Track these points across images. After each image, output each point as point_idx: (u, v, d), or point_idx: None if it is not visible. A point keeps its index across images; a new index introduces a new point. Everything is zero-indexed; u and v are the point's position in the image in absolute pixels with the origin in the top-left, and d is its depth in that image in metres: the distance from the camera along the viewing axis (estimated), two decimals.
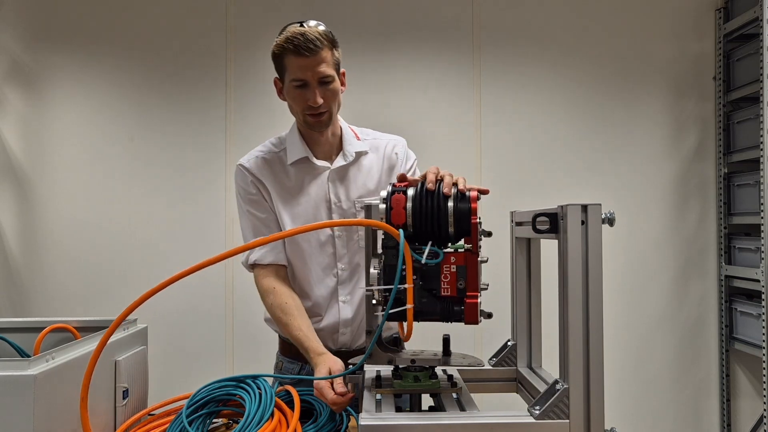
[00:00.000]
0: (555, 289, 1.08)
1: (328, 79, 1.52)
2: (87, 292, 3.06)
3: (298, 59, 1.49)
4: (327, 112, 1.55)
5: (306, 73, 1.50)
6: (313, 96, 1.52)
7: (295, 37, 1.48)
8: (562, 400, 1.02)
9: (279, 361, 1.72)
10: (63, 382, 1.02)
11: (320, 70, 1.50)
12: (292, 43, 1.48)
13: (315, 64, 1.50)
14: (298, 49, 1.48)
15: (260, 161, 1.64)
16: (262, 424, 1.06)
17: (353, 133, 1.69)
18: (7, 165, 3.10)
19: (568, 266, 1.03)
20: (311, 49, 1.48)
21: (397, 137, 1.74)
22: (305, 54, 1.48)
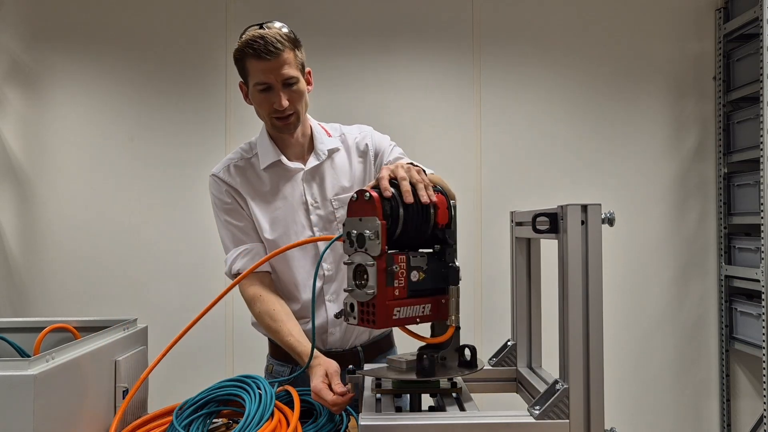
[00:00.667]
0: (555, 289, 1.08)
1: (292, 81, 1.50)
2: (87, 292, 3.06)
3: (259, 63, 1.47)
4: (294, 113, 1.53)
5: (269, 77, 1.48)
6: (278, 99, 1.50)
7: (254, 41, 1.45)
8: (562, 400, 1.02)
9: (270, 364, 1.71)
10: (63, 382, 1.02)
11: (283, 72, 1.48)
12: (252, 47, 1.46)
13: (277, 67, 1.47)
14: (258, 53, 1.46)
15: (233, 169, 1.62)
16: (262, 424, 1.06)
17: (323, 130, 1.67)
18: (7, 165, 3.10)
19: (568, 266, 1.03)
20: (272, 51, 1.45)
21: (362, 126, 1.71)
22: (266, 57, 1.46)
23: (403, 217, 1.11)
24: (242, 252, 1.59)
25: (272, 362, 1.70)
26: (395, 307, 1.09)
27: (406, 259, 1.10)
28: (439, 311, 1.13)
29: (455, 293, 1.12)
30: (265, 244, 1.61)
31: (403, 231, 1.12)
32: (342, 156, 1.65)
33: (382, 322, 1.09)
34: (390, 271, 1.09)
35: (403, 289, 1.10)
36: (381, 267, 1.07)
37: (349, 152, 1.66)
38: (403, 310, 1.10)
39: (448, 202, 1.14)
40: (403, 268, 1.10)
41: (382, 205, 1.10)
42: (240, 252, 1.59)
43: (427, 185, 1.15)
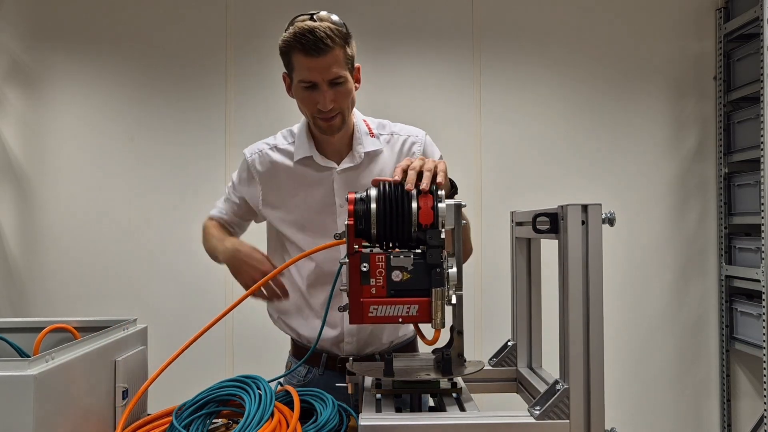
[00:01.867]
0: (555, 289, 1.08)
1: (340, 80, 1.41)
2: (87, 292, 3.06)
3: (306, 59, 1.37)
4: (339, 114, 1.45)
5: (315, 75, 1.39)
6: (323, 99, 1.41)
7: (303, 35, 1.35)
8: (562, 400, 1.02)
9: (289, 362, 1.69)
10: (63, 382, 1.02)
11: (331, 71, 1.39)
12: (300, 41, 1.36)
13: (325, 65, 1.38)
14: (306, 49, 1.36)
15: (265, 156, 1.58)
16: (261, 424, 1.05)
17: (367, 129, 1.57)
18: (7, 165, 3.10)
19: (568, 266, 1.03)
20: (321, 48, 1.36)
21: (418, 131, 1.61)
22: (314, 54, 1.36)
23: (375, 216, 1.12)
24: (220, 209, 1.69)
25: (292, 361, 1.67)
26: (371, 305, 1.11)
27: (385, 258, 1.11)
28: (427, 312, 1.13)
29: (439, 295, 1.11)
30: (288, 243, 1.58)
31: (380, 230, 1.12)
32: (385, 158, 1.56)
33: (356, 318, 1.11)
34: (363, 270, 1.10)
35: (382, 288, 1.11)
36: (353, 265, 1.10)
37: (393, 154, 1.56)
38: (381, 308, 1.11)
39: (434, 203, 1.13)
40: (382, 268, 1.11)
41: (354, 205, 1.12)
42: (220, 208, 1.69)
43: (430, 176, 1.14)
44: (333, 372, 1.57)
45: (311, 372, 1.60)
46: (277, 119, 3.07)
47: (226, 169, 3.06)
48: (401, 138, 1.58)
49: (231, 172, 1.77)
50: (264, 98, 3.08)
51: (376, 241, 1.13)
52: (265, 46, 3.10)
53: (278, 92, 3.07)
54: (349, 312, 1.13)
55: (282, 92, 1.55)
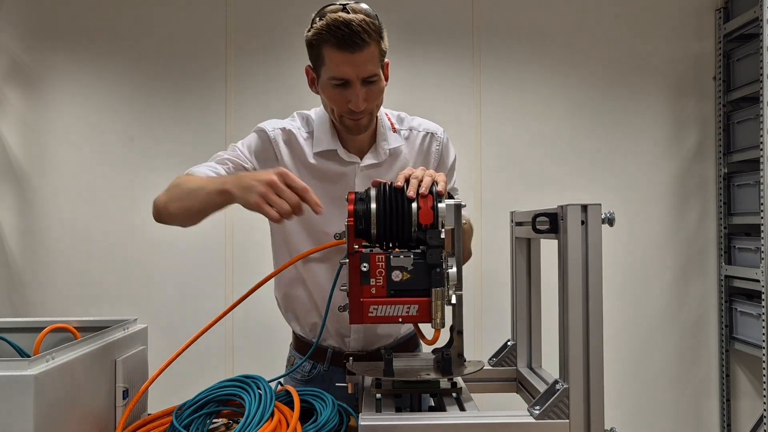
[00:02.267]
0: (555, 289, 1.08)
1: (374, 79, 1.32)
2: (87, 292, 3.06)
3: (341, 54, 1.27)
4: (368, 114, 1.38)
5: (349, 72, 1.29)
6: (356, 98, 1.32)
7: (338, 28, 1.25)
8: (562, 400, 1.02)
9: (291, 356, 1.63)
10: (63, 382, 1.02)
11: (366, 69, 1.30)
12: (335, 34, 1.25)
13: (360, 62, 1.28)
14: (341, 43, 1.26)
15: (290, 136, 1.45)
16: (262, 424, 1.05)
17: (390, 124, 1.50)
18: (7, 165, 3.09)
19: (568, 266, 1.03)
20: (357, 43, 1.26)
21: (437, 128, 1.56)
22: (349, 50, 1.26)
23: (375, 216, 1.12)
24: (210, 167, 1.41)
25: (293, 354, 1.62)
26: (371, 305, 1.11)
27: (385, 258, 1.11)
28: (427, 312, 1.13)
29: (439, 295, 1.11)
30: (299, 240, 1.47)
31: (380, 230, 1.12)
32: (405, 155, 1.50)
33: (356, 317, 1.12)
34: (363, 270, 1.10)
35: (382, 288, 1.11)
36: (353, 265, 1.11)
37: (413, 151, 1.51)
38: (381, 308, 1.11)
39: (434, 203, 1.13)
40: (382, 268, 1.11)
41: (354, 204, 1.12)
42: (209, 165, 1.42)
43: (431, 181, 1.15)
44: (338, 367, 1.53)
45: (316, 368, 1.57)
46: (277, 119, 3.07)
47: None
48: (420, 134, 1.53)
49: None
50: (264, 98, 3.08)
51: (376, 241, 1.14)
52: (266, 46, 3.10)
53: (278, 92, 3.09)
54: (349, 312, 1.13)
55: (282, 92, 1.55)
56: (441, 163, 1.56)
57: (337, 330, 1.54)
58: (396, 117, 1.54)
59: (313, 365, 1.57)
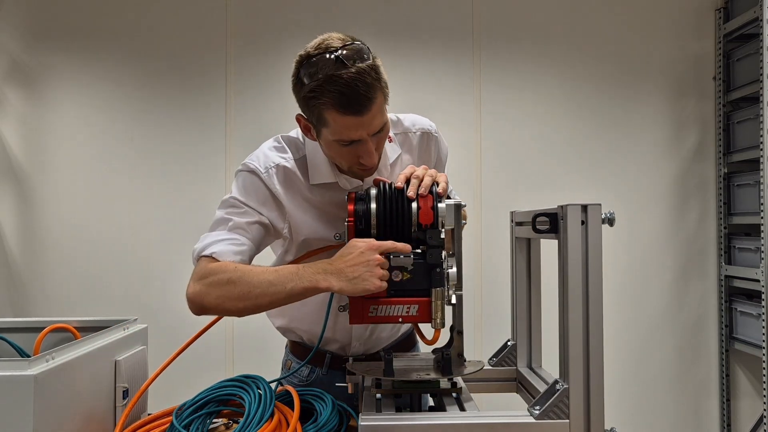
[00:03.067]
0: (555, 289, 1.08)
1: (382, 129, 1.22)
2: (87, 292, 3.06)
3: (346, 119, 1.15)
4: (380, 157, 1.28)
5: (360, 133, 1.18)
6: (368, 155, 1.21)
7: (342, 92, 1.12)
8: (562, 400, 1.02)
9: (288, 359, 1.59)
10: (63, 382, 1.02)
11: (374, 124, 1.18)
12: (339, 100, 1.12)
13: (369, 120, 1.16)
14: (346, 108, 1.13)
15: (282, 171, 1.31)
16: (262, 424, 1.06)
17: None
18: (7, 165, 3.09)
19: (568, 266, 1.03)
20: (364, 105, 1.14)
21: (429, 124, 1.48)
22: (357, 114, 1.14)
23: (375, 216, 1.12)
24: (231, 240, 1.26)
25: (291, 358, 1.58)
26: (371, 305, 1.11)
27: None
28: (427, 312, 1.13)
29: (439, 295, 1.11)
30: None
31: (380, 230, 1.12)
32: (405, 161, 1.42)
33: (355, 317, 1.12)
34: None
35: None
36: None
37: (412, 153, 1.44)
38: (381, 308, 1.12)
39: (434, 203, 1.13)
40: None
41: (354, 204, 1.12)
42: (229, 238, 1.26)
43: (431, 181, 1.15)
44: (337, 372, 1.51)
45: (314, 372, 1.56)
46: (277, 119, 3.07)
47: (226, 169, 3.06)
48: (416, 135, 1.45)
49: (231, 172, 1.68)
50: (264, 98, 3.08)
51: (380, 240, 1.13)
52: (266, 46, 3.10)
53: (278, 92, 3.09)
54: (349, 312, 1.13)
55: (282, 92, 1.53)
56: (438, 158, 1.51)
57: (338, 338, 1.51)
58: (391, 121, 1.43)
59: (311, 369, 1.55)
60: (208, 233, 1.29)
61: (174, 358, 1.24)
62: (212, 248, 1.24)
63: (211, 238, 1.26)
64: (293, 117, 1.39)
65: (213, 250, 1.23)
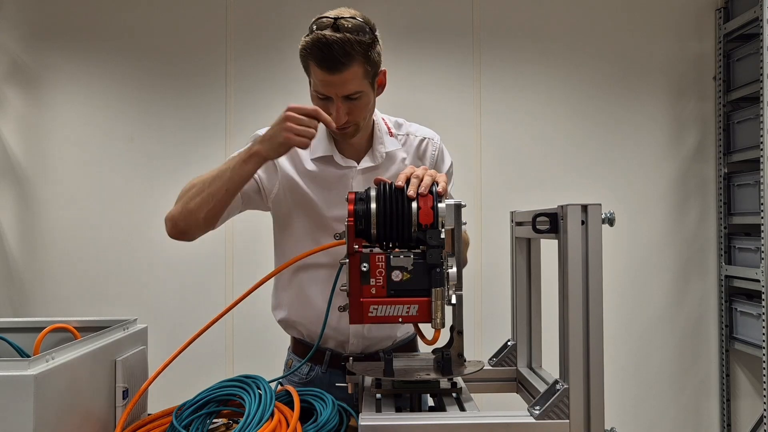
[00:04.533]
0: (555, 289, 1.08)
1: (356, 95, 1.34)
2: (87, 291, 3.06)
3: (321, 73, 1.30)
4: (353, 125, 1.40)
5: (329, 90, 1.33)
6: (336, 114, 1.34)
7: (320, 48, 1.27)
8: (562, 400, 1.02)
9: (289, 359, 1.64)
10: (63, 382, 1.02)
11: (346, 88, 1.32)
12: (316, 55, 1.28)
13: (340, 82, 1.30)
14: (321, 63, 1.28)
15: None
16: (262, 424, 1.05)
17: (387, 128, 1.53)
18: (7, 165, 3.10)
19: (568, 266, 1.03)
20: (336, 66, 1.28)
21: (433, 134, 1.59)
22: (329, 70, 1.29)
23: (375, 216, 1.12)
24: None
25: (292, 357, 1.62)
26: (371, 305, 1.11)
27: (385, 258, 1.11)
28: (427, 312, 1.13)
29: (439, 295, 1.11)
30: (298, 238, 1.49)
31: (380, 230, 1.12)
32: (401, 158, 1.52)
33: (356, 318, 1.12)
34: (363, 270, 1.10)
35: (382, 288, 1.11)
36: (353, 265, 1.11)
37: (409, 154, 1.54)
38: (381, 308, 1.12)
39: (434, 203, 1.13)
40: (382, 268, 1.11)
41: (354, 205, 1.12)
42: None
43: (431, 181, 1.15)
44: (337, 370, 1.54)
45: (314, 370, 1.57)
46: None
47: None
48: (417, 138, 1.56)
49: None
50: (264, 98, 3.08)
51: (376, 241, 1.14)
52: (266, 46, 3.10)
53: (278, 92, 3.09)
54: (349, 312, 1.13)
55: (282, 92, 1.56)
56: (437, 169, 1.57)
57: (336, 334, 1.53)
58: (393, 122, 1.57)
59: (311, 368, 1.58)
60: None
61: (174, 357, 1.24)
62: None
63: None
64: None
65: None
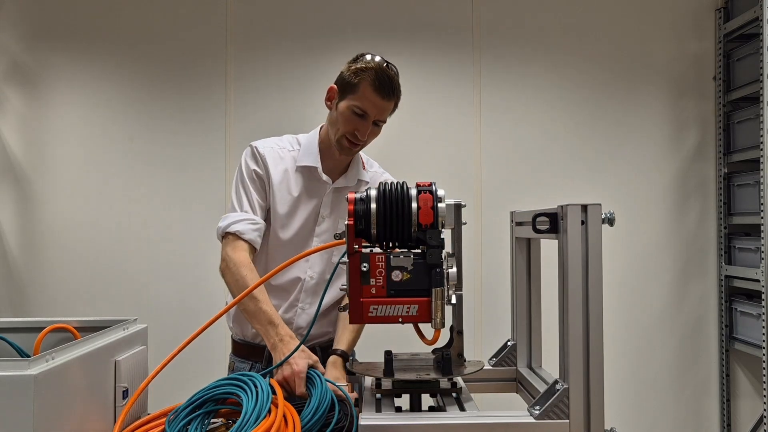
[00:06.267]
0: (555, 289, 1.08)
1: (381, 123, 1.61)
2: (87, 291, 3.06)
3: (374, 94, 1.55)
4: (363, 144, 1.63)
5: (372, 110, 1.56)
6: (364, 130, 1.58)
7: (383, 76, 1.54)
8: (562, 400, 1.02)
9: (232, 362, 1.77)
10: (63, 382, 1.02)
11: (383, 114, 1.59)
12: (378, 80, 1.54)
13: (383, 109, 1.57)
14: (380, 88, 1.54)
15: (275, 153, 1.67)
16: (259, 421, 1.05)
17: (362, 162, 1.76)
18: (7, 165, 3.10)
19: (568, 266, 1.03)
20: (389, 96, 1.56)
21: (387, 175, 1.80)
22: (382, 96, 1.55)
23: (375, 216, 1.12)
24: (249, 220, 1.61)
25: (234, 359, 1.76)
26: (371, 305, 1.11)
27: (385, 258, 1.11)
28: (427, 312, 1.13)
29: (439, 295, 1.11)
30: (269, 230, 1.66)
31: (380, 230, 1.12)
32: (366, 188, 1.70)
33: (356, 318, 1.12)
34: (363, 270, 1.10)
35: (382, 288, 1.11)
36: (353, 265, 1.11)
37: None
38: (381, 308, 1.11)
39: (434, 203, 1.13)
40: (382, 267, 1.11)
41: (354, 204, 1.12)
42: (247, 219, 1.61)
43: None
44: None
45: (255, 367, 1.68)
46: (277, 119, 3.07)
47: (226, 170, 3.06)
48: (380, 178, 1.75)
49: (231, 173, 1.76)
50: (264, 98, 3.08)
51: (376, 241, 1.14)
52: (266, 47, 3.10)
53: (278, 92, 3.09)
54: (349, 312, 1.13)
55: (282, 92, 1.57)
56: None
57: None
58: (367, 160, 1.80)
59: (252, 365, 1.69)
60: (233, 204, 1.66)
61: (173, 356, 1.24)
62: (234, 227, 1.59)
63: (231, 218, 1.61)
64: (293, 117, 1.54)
65: (236, 229, 1.59)
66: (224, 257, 1.58)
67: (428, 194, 1.13)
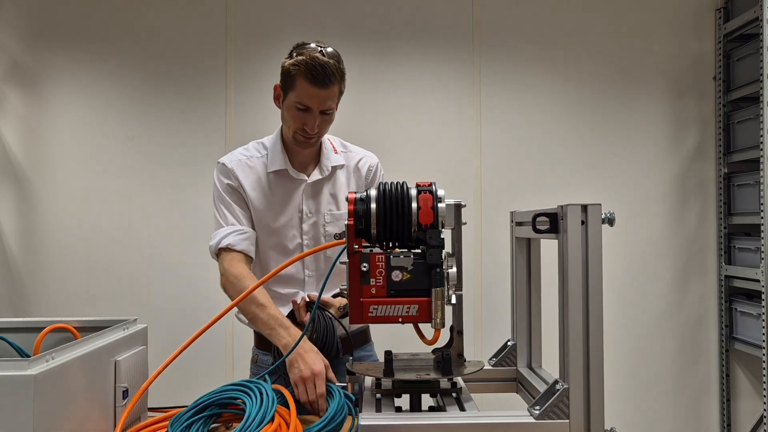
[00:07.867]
0: (555, 289, 1.08)
1: (329, 111, 1.58)
2: (87, 291, 3.06)
3: (310, 87, 1.52)
4: (317, 136, 1.61)
5: (313, 102, 1.54)
6: (312, 123, 1.56)
7: (315, 66, 1.50)
8: (562, 400, 1.02)
9: (255, 355, 1.78)
10: (63, 382, 1.02)
11: (326, 103, 1.55)
12: (311, 71, 1.50)
13: (323, 97, 1.53)
14: (314, 78, 1.51)
15: (244, 165, 1.68)
16: (262, 426, 1.05)
17: (332, 146, 1.74)
18: (7, 165, 3.10)
19: (568, 266, 1.03)
20: (326, 83, 1.51)
21: (372, 156, 1.78)
22: (319, 86, 1.51)
23: (375, 216, 1.12)
24: (237, 231, 1.62)
25: (257, 353, 1.76)
26: (371, 305, 1.11)
27: (385, 258, 1.11)
28: (427, 312, 1.13)
29: (439, 295, 1.11)
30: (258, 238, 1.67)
31: (380, 230, 1.12)
32: (343, 174, 1.73)
33: (356, 317, 1.13)
34: (363, 270, 1.10)
35: (382, 288, 1.11)
36: (353, 265, 1.11)
37: (349, 171, 1.74)
38: (381, 308, 1.12)
39: (434, 203, 1.13)
40: (382, 267, 1.11)
41: (354, 205, 1.12)
42: (235, 230, 1.62)
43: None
44: None
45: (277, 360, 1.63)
46: (276, 119, 3.07)
47: None
48: (357, 157, 1.75)
49: None
50: (264, 98, 3.08)
51: (376, 241, 1.14)
52: (266, 46, 3.10)
53: None
54: (349, 312, 1.13)
55: None
56: (373, 181, 1.76)
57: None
58: (338, 142, 1.78)
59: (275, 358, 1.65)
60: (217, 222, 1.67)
61: (174, 357, 1.24)
62: (225, 241, 1.60)
63: (220, 234, 1.62)
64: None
65: (227, 243, 1.60)
66: (222, 273, 1.59)
67: (428, 194, 1.13)
